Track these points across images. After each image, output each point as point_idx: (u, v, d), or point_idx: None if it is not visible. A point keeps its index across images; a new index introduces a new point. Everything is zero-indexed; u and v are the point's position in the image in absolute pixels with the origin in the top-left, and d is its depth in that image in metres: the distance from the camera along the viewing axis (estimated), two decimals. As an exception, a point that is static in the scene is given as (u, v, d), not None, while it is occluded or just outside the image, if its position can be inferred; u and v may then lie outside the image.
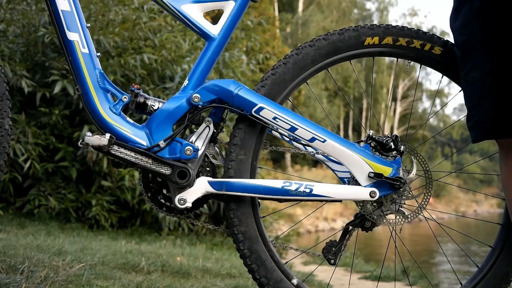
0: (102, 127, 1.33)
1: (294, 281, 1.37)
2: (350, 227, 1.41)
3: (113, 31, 4.72)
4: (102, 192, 4.50)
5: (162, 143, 1.33)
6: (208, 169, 1.38)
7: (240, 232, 1.35)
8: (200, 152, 1.35)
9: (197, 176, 1.35)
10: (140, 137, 1.34)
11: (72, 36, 1.33)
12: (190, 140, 1.35)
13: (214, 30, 1.41)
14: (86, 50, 1.34)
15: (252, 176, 1.37)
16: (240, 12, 1.42)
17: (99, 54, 1.38)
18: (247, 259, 1.36)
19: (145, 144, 1.34)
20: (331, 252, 1.38)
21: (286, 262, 1.45)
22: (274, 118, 1.33)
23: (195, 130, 1.38)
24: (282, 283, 1.36)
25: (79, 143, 1.33)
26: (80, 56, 1.33)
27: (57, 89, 4.24)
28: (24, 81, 4.16)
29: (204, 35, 1.41)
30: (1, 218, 3.88)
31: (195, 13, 1.40)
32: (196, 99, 1.34)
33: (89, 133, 1.31)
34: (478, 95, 1.23)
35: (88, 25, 1.38)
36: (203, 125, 1.37)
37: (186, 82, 1.39)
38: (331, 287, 2.87)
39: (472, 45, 1.23)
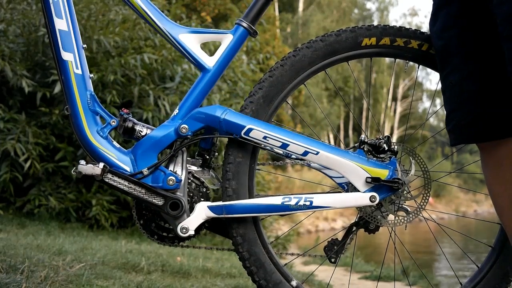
0: (87, 149, 1.33)
1: (294, 283, 1.37)
2: (354, 228, 1.41)
3: (114, 31, 4.72)
4: (102, 192, 4.50)
5: (145, 171, 1.32)
6: (201, 196, 1.37)
7: (239, 234, 1.35)
8: (182, 180, 1.34)
9: (190, 203, 1.35)
10: (124, 163, 1.33)
11: (66, 56, 1.33)
12: (170, 169, 1.34)
13: (210, 62, 1.40)
14: (79, 71, 1.34)
15: (251, 184, 1.36)
16: (237, 46, 1.42)
17: (92, 75, 1.38)
18: (246, 261, 1.35)
19: (129, 170, 1.33)
20: (333, 251, 1.39)
21: (286, 264, 1.45)
22: (265, 137, 1.32)
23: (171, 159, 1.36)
24: (282, 285, 1.36)
25: (72, 171, 1.33)
26: (73, 77, 1.33)
27: (57, 89, 4.24)
28: (24, 80, 4.16)
29: (199, 66, 1.40)
30: (1, 217, 3.89)
31: (192, 44, 1.40)
32: (184, 130, 1.33)
33: (82, 162, 1.30)
34: (457, 100, 1.23)
35: (84, 45, 1.38)
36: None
37: (176, 111, 1.38)
38: (331, 287, 2.88)
39: (450, 50, 1.23)
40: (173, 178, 1.32)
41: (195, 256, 3.05)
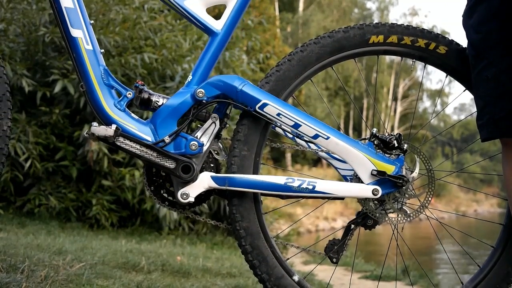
0: (107, 123, 1.33)
1: (295, 277, 1.37)
2: (352, 225, 1.41)
3: (114, 31, 4.71)
4: (103, 191, 4.49)
5: (167, 139, 1.33)
6: (212, 165, 1.37)
7: (242, 227, 1.35)
8: (205, 148, 1.35)
9: (201, 171, 1.35)
10: (145, 133, 1.34)
11: (75, 33, 1.33)
12: (196, 135, 1.35)
13: (217, 25, 1.40)
14: (90, 47, 1.34)
15: (255, 171, 1.36)
16: (242, 7, 1.42)
17: (102, 50, 1.38)
18: (248, 255, 1.36)
19: (150, 140, 1.34)
20: (333, 251, 1.38)
21: (287, 259, 1.45)
22: (278, 114, 1.33)
23: (199, 126, 1.38)
24: (283, 279, 1.36)
25: (85, 133, 1.33)
26: (84, 53, 1.33)
27: (57, 88, 4.24)
28: (24, 80, 4.16)
29: (207, 30, 1.41)
30: (1, 217, 3.88)
31: (198, 9, 1.40)
32: (200, 94, 1.34)
33: (95, 123, 1.31)
34: (492, 93, 1.22)
35: (92, 21, 1.37)
36: (209, 121, 1.37)
37: (190, 77, 1.39)
38: (331, 287, 2.87)
39: (488, 43, 1.23)
40: (196, 143, 1.33)
41: (195, 256, 3.05)
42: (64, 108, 4.52)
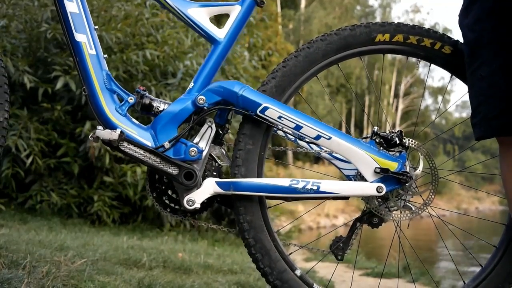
0: (108, 127, 1.34)
1: (298, 272, 1.38)
2: (358, 223, 1.41)
3: (116, 27, 4.71)
4: (104, 187, 4.50)
5: (167, 144, 1.34)
6: (214, 171, 1.38)
7: (245, 221, 1.36)
8: (204, 153, 1.36)
9: (203, 177, 1.36)
10: (145, 138, 1.35)
11: (79, 37, 1.35)
12: (194, 141, 1.37)
13: (220, 34, 1.42)
14: (93, 52, 1.36)
15: (259, 174, 1.37)
16: (246, 16, 1.44)
17: (105, 55, 1.40)
18: (251, 248, 1.37)
19: (150, 145, 1.35)
20: (338, 247, 1.39)
21: (290, 253, 1.45)
22: (279, 117, 1.34)
23: (195, 132, 1.39)
24: (286, 273, 1.37)
25: (90, 136, 1.35)
26: (88, 57, 1.35)
27: (59, 84, 4.24)
28: (26, 76, 4.16)
29: (210, 38, 1.42)
30: (3, 213, 3.89)
31: (202, 17, 1.42)
32: (201, 101, 1.35)
33: (100, 127, 1.32)
34: (485, 92, 1.23)
35: (96, 27, 1.39)
36: (205, 125, 1.38)
37: (191, 84, 1.40)
38: (333, 283, 2.87)
39: (482, 43, 1.23)
40: (195, 149, 1.34)
41: (196, 253, 3.05)
42: (66, 105, 4.52)
